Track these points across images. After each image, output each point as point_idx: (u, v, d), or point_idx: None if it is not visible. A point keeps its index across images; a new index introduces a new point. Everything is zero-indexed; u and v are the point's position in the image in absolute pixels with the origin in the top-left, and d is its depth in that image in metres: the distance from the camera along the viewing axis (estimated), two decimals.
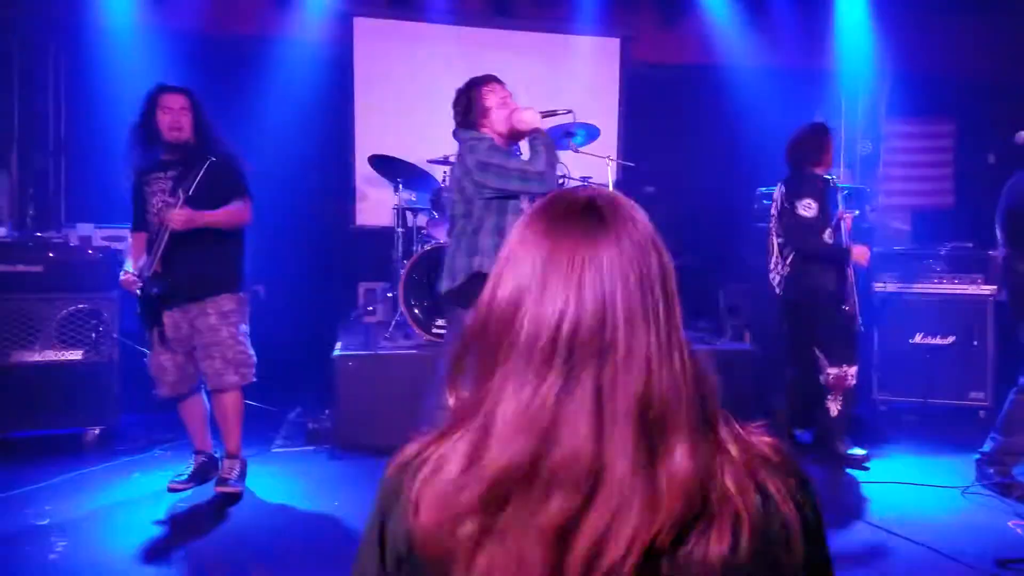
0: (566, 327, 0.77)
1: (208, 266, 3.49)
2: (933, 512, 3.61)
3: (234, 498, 3.49)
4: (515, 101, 3.49)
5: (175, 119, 3.46)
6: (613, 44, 6.79)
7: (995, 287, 5.21)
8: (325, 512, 3.48)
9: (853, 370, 4.19)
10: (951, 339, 5.24)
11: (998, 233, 3.88)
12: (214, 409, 3.64)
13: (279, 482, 3.85)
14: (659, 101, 6.74)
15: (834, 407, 4.22)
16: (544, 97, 6.31)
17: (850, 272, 4.20)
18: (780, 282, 4.36)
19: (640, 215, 0.85)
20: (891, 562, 3.12)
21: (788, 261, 4.28)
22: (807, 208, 4.09)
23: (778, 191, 4.37)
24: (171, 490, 3.49)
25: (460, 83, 3.57)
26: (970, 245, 5.45)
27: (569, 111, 3.71)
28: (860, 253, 4.18)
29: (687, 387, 0.79)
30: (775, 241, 4.40)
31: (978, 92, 6.49)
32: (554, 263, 0.80)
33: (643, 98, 6.78)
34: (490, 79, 3.52)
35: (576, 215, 0.83)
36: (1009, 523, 3.46)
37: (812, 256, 4.20)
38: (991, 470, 3.82)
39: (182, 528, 3.24)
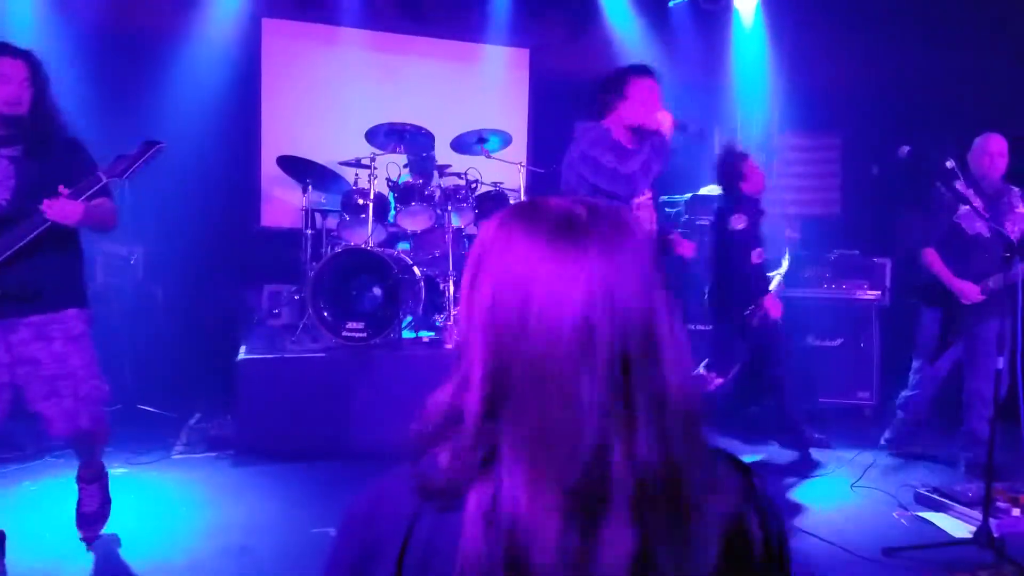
0: (627, 336, 0.75)
1: (49, 272, 2.78)
2: (823, 505, 3.80)
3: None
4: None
5: (15, 93, 2.75)
6: (523, 54, 6.90)
7: (879, 292, 5.55)
8: (229, 518, 3.39)
9: (718, 381, 4.41)
10: (839, 341, 5.53)
11: None
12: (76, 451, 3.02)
13: (180, 489, 3.73)
14: (566, 109, 6.87)
15: None
16: (455, 104, 6.39)
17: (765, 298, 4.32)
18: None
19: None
20: None
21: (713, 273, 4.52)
22: (738, 221, 4.26)
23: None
24: None
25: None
26: (856, 252, 5.78)
27: (696, 128, 3.66)
28: (772, 304, 4.29)
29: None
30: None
31: (862, 108, 6.89)
32: (588, 263, 0.76)
33: (551, 106, 6.90)
34: (648, 71, 3.42)
35: (595, 214, 0.81)
36: (894, 514, 3.69)
37: (735, 270, 4.34)
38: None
39: (76, 537, 3.06)
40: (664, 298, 0.78)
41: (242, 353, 4.44)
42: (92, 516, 3.05)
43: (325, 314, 4.55)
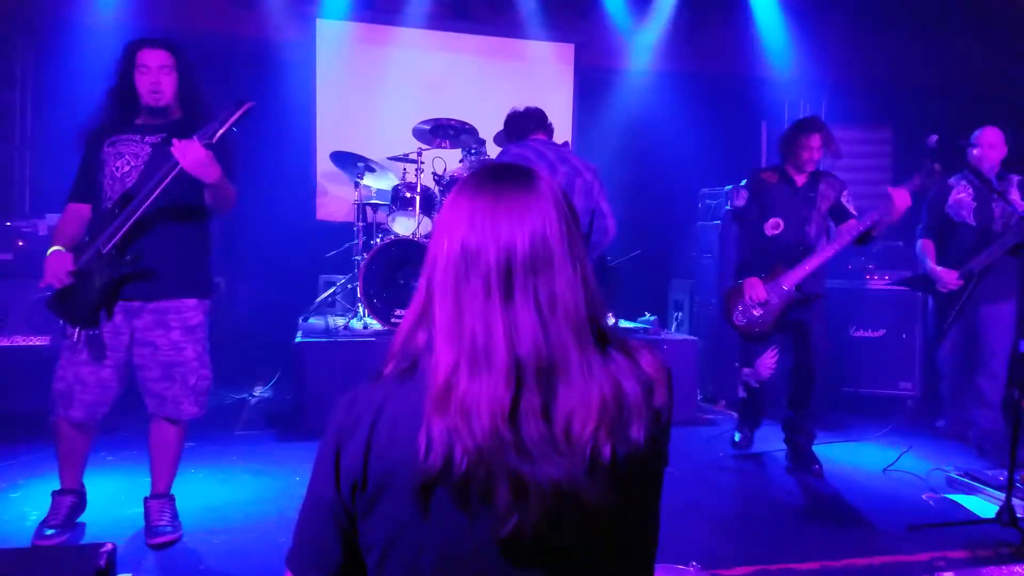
0: (513, 256, 0.98)
1: (177, 259, 2.87)
2: (855, 486, 3.90)
3: (173, 543, 2.95)
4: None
5: (155, 80, 2.85)
6: (568, 49, 7.06)
7: None
8: (287, 487, 3.65)
9: (745, 371, 4.23)
10: (882, 332, 5.55)
11: None
12: (156, 439, 3.00)
13: (242, 461, 4.01)
14: (610, 103, 7.03)
15: (740, 391, 4.33)
16: (501, 99, 6.56)
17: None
18: None
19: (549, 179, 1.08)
20: (813, 527, 3.41)
21: None
22: (739, 197, 4.18)
23: None
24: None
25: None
26: (900, 244, 5.78)
27: None
28: (748, 286, 4.01)
29: (600, 302, 1.03)
30: None
31: (913, 99, 6.85)
32: (493, 207, 1.01)
33: (596, 100, 7.06)
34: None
35: (502, 174, 1.06)
36: (924, 495, 3.77)
37: (737, 250, 4.26)
38: None
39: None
40: (563, 237, 1.01)
41: (299, 337, 4.72)
42: (162, 530, 2.99)
43: (375, 301, 4.80)
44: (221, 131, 2.69)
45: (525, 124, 4.09)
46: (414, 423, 0.96)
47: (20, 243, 4.39)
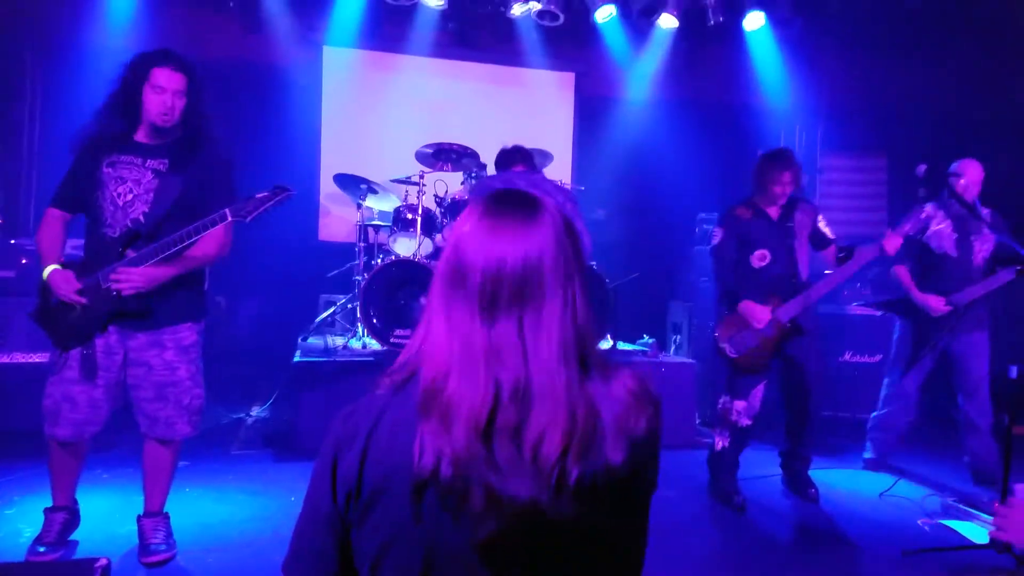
0: (501, 275, 1.01)
1: (174, 293, 2.87)
2: (851, 512, 3.90)
3: (167, 561, 2.96)
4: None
5: (169, 103, 2.83)
6: (568, 78, 7.15)
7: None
8: (283, 507, 3.65)
9: (739, 405, 3.92)
10: (878, 357, 5.57)
11: None
12: (149, 459, 3.01)
13: (238, 482, 4.01)
14: (610, 131, 7.11)
15: (718, 441, 4.00)
16: (503, 124, 6.66)
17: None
18: None
19: (556, 205, 1.11)
20: (808, 552, 3.42)
21: None
22: (714, 236, 4.08)
23: None
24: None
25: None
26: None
27: None
28: (748, 311, 3.86)
29: (590, 335, 1.05)
30: None
31: (909, 128, 6.93)
32: (494, 228, 1.05)
33: (596, 127, 7.15)
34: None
35: (509, 199, 1.09)
36: (919, 521, 3.78)
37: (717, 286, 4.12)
38: None
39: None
40: (557, 267, 1.04)
41: (298, 356, 4.74)
42: (156, 548, 2.99)
43: (375, 321, 4.82)
44: (256, 213, 2.79)
45: (509, 157, 4.65)
46: (411, 429, 0.99)
47: (23, 260, 4.42)
